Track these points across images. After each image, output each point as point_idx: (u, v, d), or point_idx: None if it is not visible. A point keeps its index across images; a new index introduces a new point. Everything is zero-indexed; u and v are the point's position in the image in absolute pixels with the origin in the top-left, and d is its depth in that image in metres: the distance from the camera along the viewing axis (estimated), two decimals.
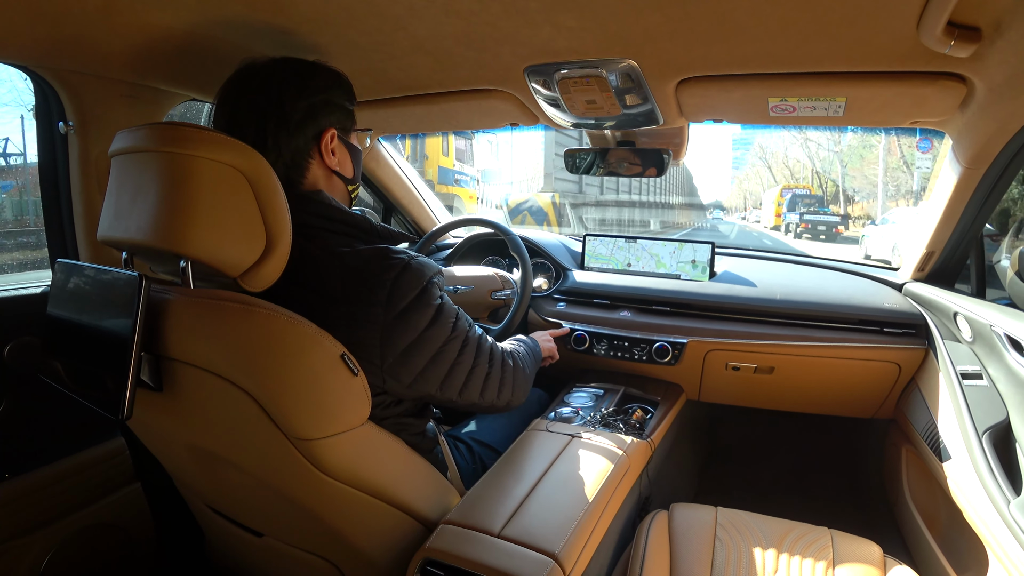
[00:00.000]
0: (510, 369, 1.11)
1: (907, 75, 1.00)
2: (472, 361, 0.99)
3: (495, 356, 1.07)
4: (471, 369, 0.99)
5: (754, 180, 45.41)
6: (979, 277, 1.44)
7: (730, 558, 1.06)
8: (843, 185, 27.59)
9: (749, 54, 0.98)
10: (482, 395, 1.03)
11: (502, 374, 1.08)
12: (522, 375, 1.17)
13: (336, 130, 0.95)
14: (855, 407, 1.69)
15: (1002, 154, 1.16)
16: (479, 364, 1.01)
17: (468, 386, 0.99)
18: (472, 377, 0.99)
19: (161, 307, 0.76)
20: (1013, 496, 1.01)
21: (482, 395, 1.03)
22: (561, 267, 1.90)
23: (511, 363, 1.12)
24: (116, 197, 0.79)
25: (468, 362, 0.98)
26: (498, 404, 1.10)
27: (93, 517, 1.25)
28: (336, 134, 0.95)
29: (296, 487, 0.82)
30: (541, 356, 1.37)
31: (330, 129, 0.94)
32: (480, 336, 1.03)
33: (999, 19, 0.79)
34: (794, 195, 23.45)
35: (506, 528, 0.92)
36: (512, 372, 1.12)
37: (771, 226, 25.18)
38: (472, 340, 0.99)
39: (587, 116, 1.30)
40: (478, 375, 1.01)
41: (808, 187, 28.46)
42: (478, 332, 1.03)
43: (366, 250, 0.86)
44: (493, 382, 1.05)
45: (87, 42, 0.99)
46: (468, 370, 0.98)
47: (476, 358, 1.00)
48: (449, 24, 0.93)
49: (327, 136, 0.93)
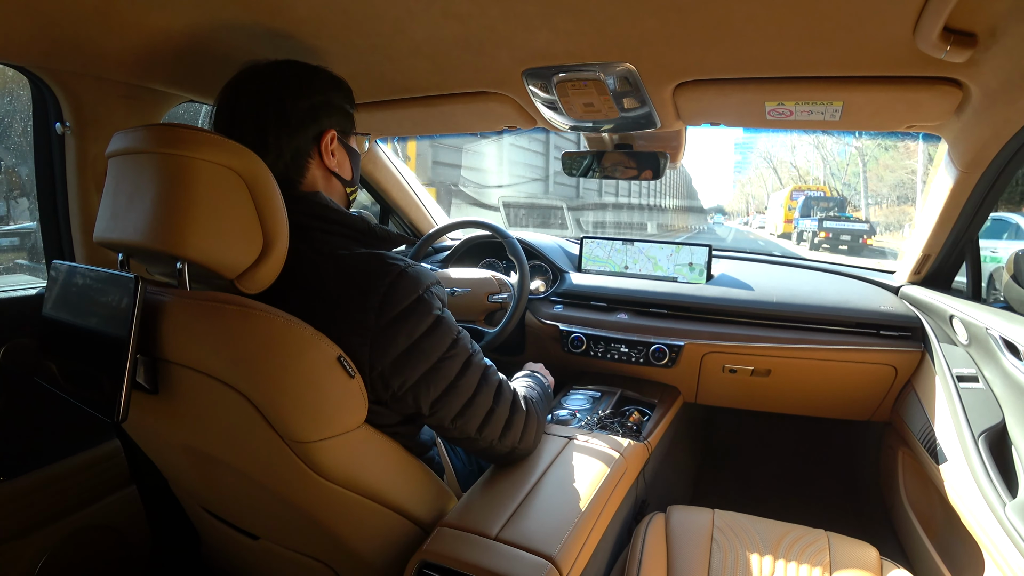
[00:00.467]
0: (521, 412, 1.03)
1: (903, 80, 1.01)
2: (473, 390, 0.92)
3: (503, 393, 0.99)
4: (471, 398, 0.92)
5: (757, 183, 43.62)
6: (974, 280, 1.45)
7: (727, 560, 1.06)
8: (864, 186, 24.64)
9: (746, 59, 0.99)
10: (480, 431, 0.95)
11: (510, 415, 1.00)
12: (535, 420, 1.09)
13: (336, 132, 0.95)
14: (852, 410, 1.69)
15: (997, 158, 1.16)
16: (481, 395, 0.94)
17: (465, 416, 0.92)
18: (472, 408, 0.92)
19: (157, 309, 0.76)
20: (1009, 499, 1.01)
21: (480, 431, 0.95)
22: (558, 269, 1.90)
23: (523, 407, 1.04)
24: (113, 198, 0.79)
25: (467, 389, 0.91)
26: (499, 448, 1.01)
27: (88, 520, 1.25)
28: (336, 135, 0.95)
29: (292, 490, 0.82)
30: (552, 392, 1.30)
31: (330, 130, 0.93)
32: (488, 367, 0.97)
33: (994, 25, 0.79)
34: (807, 198, 19.56)
35: (503, 531, 0.92)
36: (524, 416, 1.04)
37: (779, 233, 22.29)
38: (476, 366, 0.93)
39: (585, 119, 1.30)
40: (479, 408, 0.93)
41: (823, 188, 24.35)
42: (486, 362, 0.97)
43: (362, 254, 0.85)
44: (496, 421, 0.97)
45: (85, 43, 0.99)
46: (467, 398, 0.91)
47: (479, 388, 0.93)
48: (447, 27, 0.93)
49: (327, 137, 0.93)
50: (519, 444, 1.04)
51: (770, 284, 1.70)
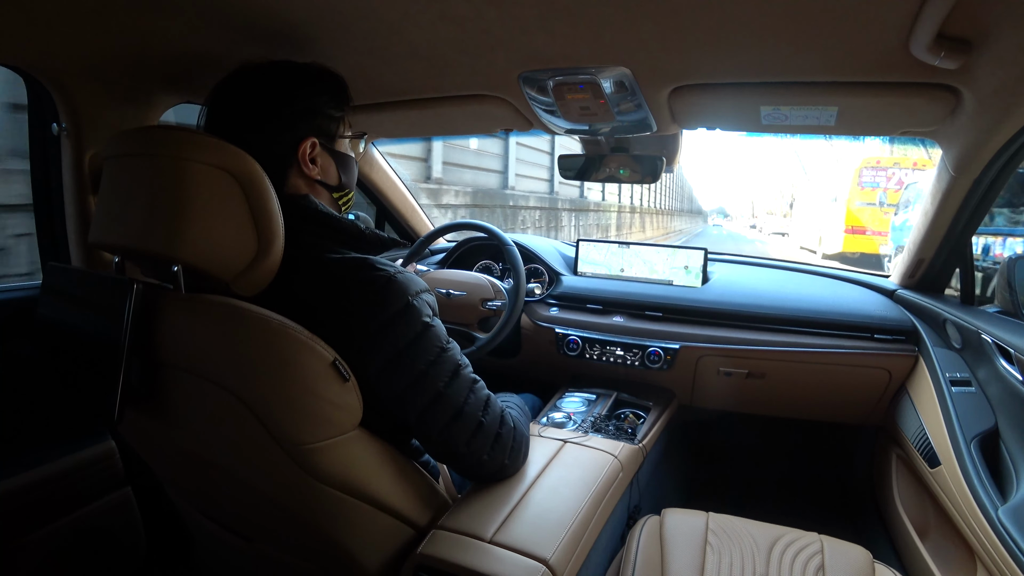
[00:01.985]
0: (510, 429, 1.00)
1: (898, 86, 1.02)
2: (462, 401, 0.90)
3: (492, 407, 0.96)
4: (459, 410, 0.89)
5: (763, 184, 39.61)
6: (967, 284, 1.46)
7: (721, 563, 1.07)
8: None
9: (741, 63, 0.99)
10: (468, 445, 0.92)
11: (499, 430, 0.97)
12: (523, 438, 1.07)
13: (317, 140, 0.92)
14: (846, 413, 1.70)
15: (991, 163, 1.17)
16: (470, 407, 0.91)
17: (453, 429, 0.89)
18: (460, 420, 0.90)
19: (152, 311, 0.76)
20: (1001, 502, 1.02)
21: (468, 445, 0.92)
22: (554, 272, 1.90)
23: (512, 423, 1.01)
24: (108, 201, 0.79)
25: (456, 400, 0.89)
26: (488, 464, 0.98)
27: (82, 522, 1.24)
28: (317, 143, 0.92)
29: (287, 492, 0.82)
30: (530, 417, 1.28)
31: (309, 138, 0.90)
32: (478, 381, 0.95)
33: (987, 32, 0.80)
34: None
35: (498, 534, 0.92)
36: (512, 432, 1.01)
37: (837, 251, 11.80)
38: (464, 378, 0.91)
39: (581, 122, 1.31)
40: (467, 420, 0.91)
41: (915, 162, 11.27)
42: (475, 376, 0.95)
43: (350, 259, 0.85)
44: (486, 436, 0.95)
45: (81, 45, 0.99)
46: (454, 411, 0.89)
47: (467, 401, 0.91)
48: (444, 30, 0.93)
49: (305, 145, 0.90)
50: (507, 460, 1.02)
51: (765, 287, 1.71)
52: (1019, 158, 1.17)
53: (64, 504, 1.22)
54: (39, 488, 1.18)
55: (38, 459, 1.19)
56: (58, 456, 1.21)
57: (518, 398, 1.25)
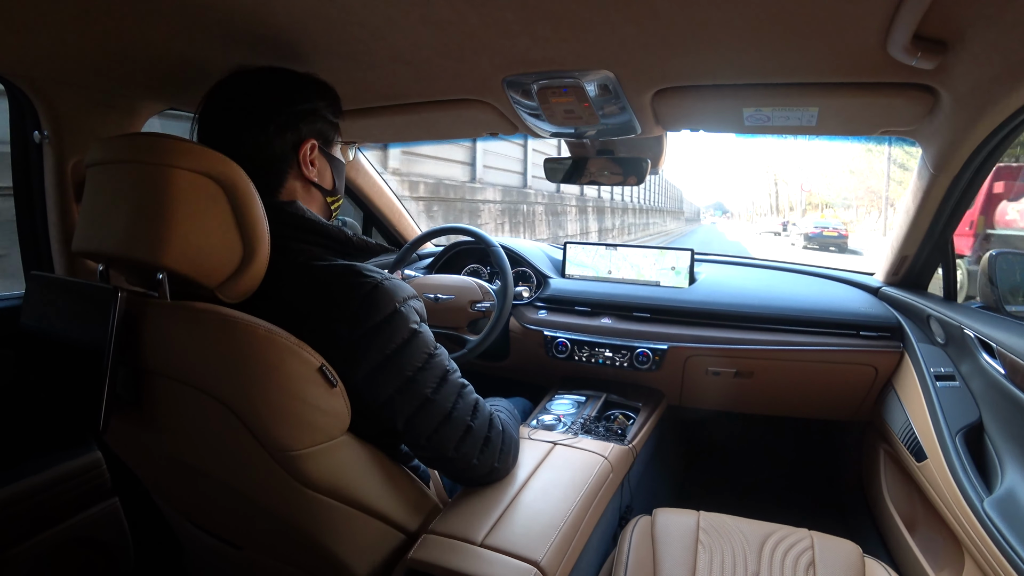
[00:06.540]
0: (499, 432, 1.01)
1: (877, 86, 1.03)
2: (451, 405, 0.90)
3: (481, 411, 0.97)
4: (448, 414, 0.90)
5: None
6: (949, 281, 1.48)
7: (713, 561, 1.07)
8: None
9: (723, 65, 1.00)
10: (457, 449, 0.92)
11: (488, 433, 0.98)
12: (512, 441, 1.07)
13: (317, 141, 0.94)
14: (833, 410, 1.71)
15: (969, 161, 1.19)
16: (459, 412, 0.92)
17: (442, 433, 0.90)
18: (448, 425, 0.90)
19: (138, 319, 0.76)
20: (986, 494, 1.03)
21: (457, 449, 0.92)
22: (542, 275, 1.91)
23: (500, 427, 1.02)
24: (92, 208, 0.79)
25: (443, 406, 0.89)
26: (478, 468, 0.99)
27: (70, 532, 1.23)
28: (317, 145, 0.94)
29: (276, 499, 0.81)
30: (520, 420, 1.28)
31: (310, 139, 0.92)
32: (466, 385, 0.96)
33: (963, 33, 0.82)
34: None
35: (488, 537, 0.92)
36: (502, 436, 1.02)
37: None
38: (453, 383, 0.92)
39: (566, 126, 1.31)
40: (455, 425, 0.91)
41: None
42: (463, 381, 0.95)
43: (337, 265, 0.85)
44: (475, 440, 0.95)
45: (62, 51, 0.98)
46: (443, 415, 0.89)
47: (456, 405, 0.91)
48: (427, 34, 0.93)
49: (306, 146, 0.92)
50: (497, 464, 1.02)
51: (752, 287, 1.73)
52: (997, 155, 1.19)
53: (51, 515, 1.20)
54: (25, 500, 1.16)
55: (23, 470, 1.18)
56: (44, 467, 1.20)
57: (507, 402, 1.25)
